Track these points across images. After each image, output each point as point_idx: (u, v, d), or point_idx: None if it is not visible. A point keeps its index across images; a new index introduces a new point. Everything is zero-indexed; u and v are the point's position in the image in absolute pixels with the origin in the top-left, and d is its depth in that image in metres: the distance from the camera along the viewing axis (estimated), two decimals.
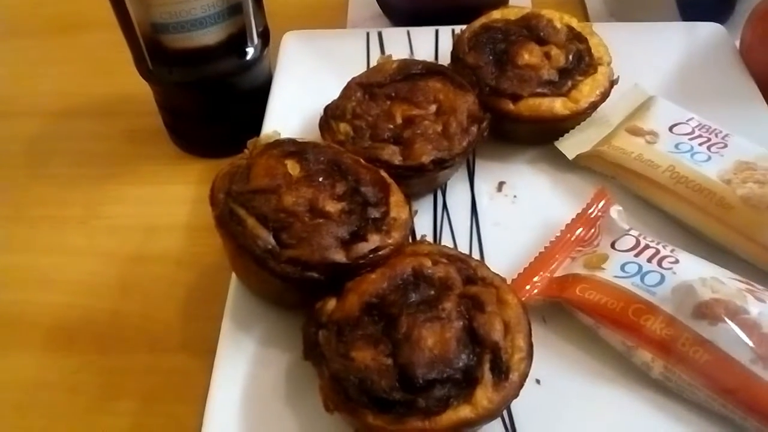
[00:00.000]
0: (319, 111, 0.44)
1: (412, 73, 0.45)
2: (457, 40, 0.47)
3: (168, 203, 0.47)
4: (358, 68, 0.48)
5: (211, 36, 0.43)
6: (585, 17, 0.59)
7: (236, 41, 0.45)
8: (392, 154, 0.41)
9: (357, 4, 0.62)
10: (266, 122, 0.46)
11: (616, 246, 0.37)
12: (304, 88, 0.49)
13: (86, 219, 0.47)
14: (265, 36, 0.47)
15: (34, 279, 0.44)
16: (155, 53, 0.43)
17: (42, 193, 0.49)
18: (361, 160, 0.39)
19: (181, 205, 0.47)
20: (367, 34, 0.53)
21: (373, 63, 0.51)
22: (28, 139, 0.53)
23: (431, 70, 0.45)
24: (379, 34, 0.53)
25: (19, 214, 0.48)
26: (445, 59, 0.49)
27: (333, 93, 0.45)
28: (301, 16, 0.60)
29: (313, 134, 0.44)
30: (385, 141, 0.41)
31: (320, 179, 0.37)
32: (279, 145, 0.39)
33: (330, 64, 0.51)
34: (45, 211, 0.48)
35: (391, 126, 0.42)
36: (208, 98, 0.47)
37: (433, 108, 0.43)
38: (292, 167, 0.37)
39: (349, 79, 0.45)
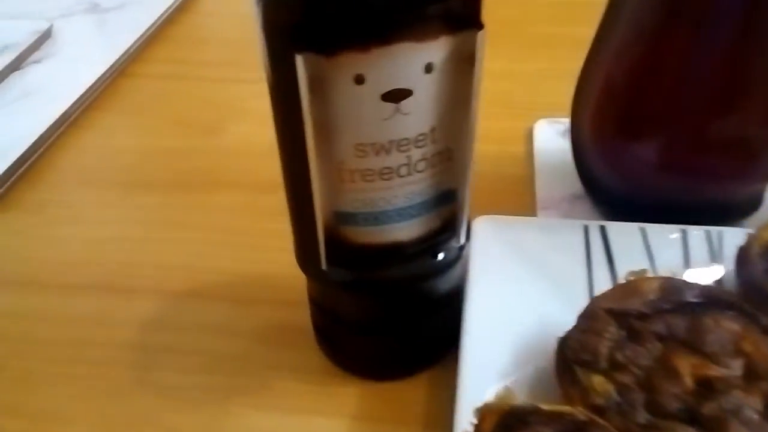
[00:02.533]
0: (536, 332, 0.32)
1: (687, 301, 0.31)
2: (743, 255, 0.33)
3: None
4: (578, 274, 0.37)
5: (407, 231, 0.31)
6: None
7: (436, 236, 0.33)
8: None
9: (545, 180, 0.51)
10: (464, 348, 0.33)
11: None
12: (508, 296, 0.36)
13: None
14: (467, 229, 0.35)
15: None
16: (329, 246, 0.32)
17: (146, 410, 0.36)
18: None
19: None
20: (586, 227, 0.40)
21: (597, 268, 0.38)
22: (139, 326, 0.41)
23: (717, 300, 0.31)
24: (602, 230, 0.40)
25: None
26: (698, 269, 0.36)
27: (548, 305, 0.34)
28: (478, 192, 0.48)
29: (526, 357, 0.32)
30: (674, 417, 0.27)
31: None
32: (520, 418, 0.25)
33: (540, 266, 0.38)
34: None
35: (678, 390, 0.28)
36: (381, 305, 0.35)
37: (737, 365, 0.28)
38: None
39: (569, 287, 0.34)
